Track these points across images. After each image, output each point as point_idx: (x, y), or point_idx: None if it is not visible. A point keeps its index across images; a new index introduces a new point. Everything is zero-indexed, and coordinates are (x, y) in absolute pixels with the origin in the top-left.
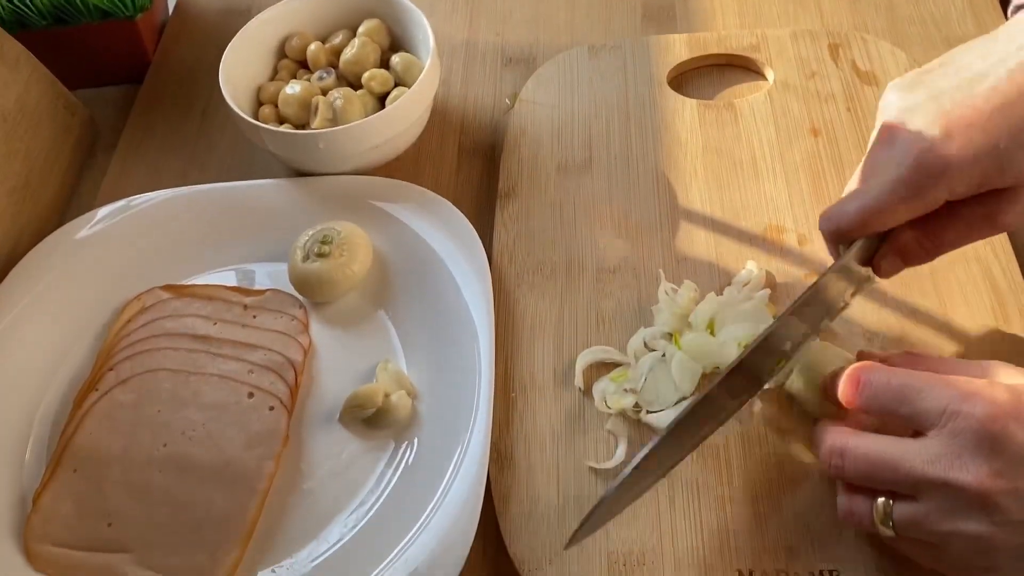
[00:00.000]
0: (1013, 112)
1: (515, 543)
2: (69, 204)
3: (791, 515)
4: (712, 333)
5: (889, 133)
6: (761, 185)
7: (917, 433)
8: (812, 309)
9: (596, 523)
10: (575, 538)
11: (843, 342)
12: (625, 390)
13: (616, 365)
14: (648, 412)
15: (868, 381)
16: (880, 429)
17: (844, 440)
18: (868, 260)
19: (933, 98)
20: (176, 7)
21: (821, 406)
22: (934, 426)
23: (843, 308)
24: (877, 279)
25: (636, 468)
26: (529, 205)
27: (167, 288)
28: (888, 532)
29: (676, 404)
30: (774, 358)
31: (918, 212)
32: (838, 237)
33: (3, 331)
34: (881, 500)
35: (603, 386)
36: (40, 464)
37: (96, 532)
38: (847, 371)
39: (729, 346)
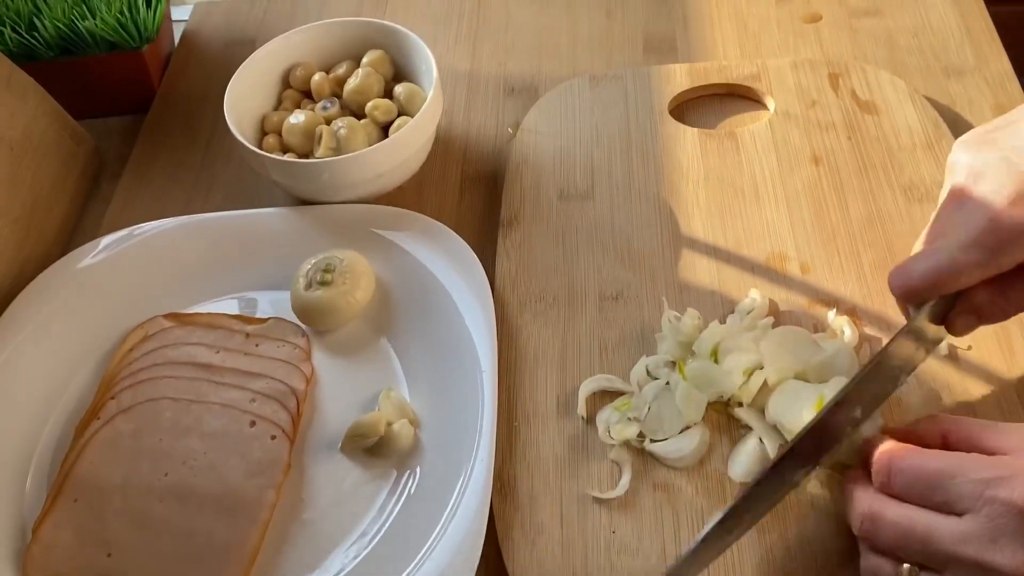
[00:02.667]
0: None
1: (519, 573)
2: (74, 233)
3: (797, 547)
4: (716, 361)
5: (960, 193)
6: (763, 213)
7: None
8: (883, 372)
9: (693, 569)
10: None
11: None
12: (629, 419)
13: (620, 394)
14: (652, 441)
15: (900, 470)
16: None
17: (879, 507)
18: (941, 319)
19: (1004, 158)
20: (182, 38)
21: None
22: (970, 510)
23: (914, 368)
24: (949, 338)
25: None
26: (531, 233)
27: (170, 316)
28: None
29: (680, 433)
30: (845, 426)
31: (991, 274)
32: (909, 296)
33: (6, 359)
34: (907, 567)
35: (607, 415)
36: (41, 493)
37: (96, 562)
38: (878, 457)
39: (735, 375)
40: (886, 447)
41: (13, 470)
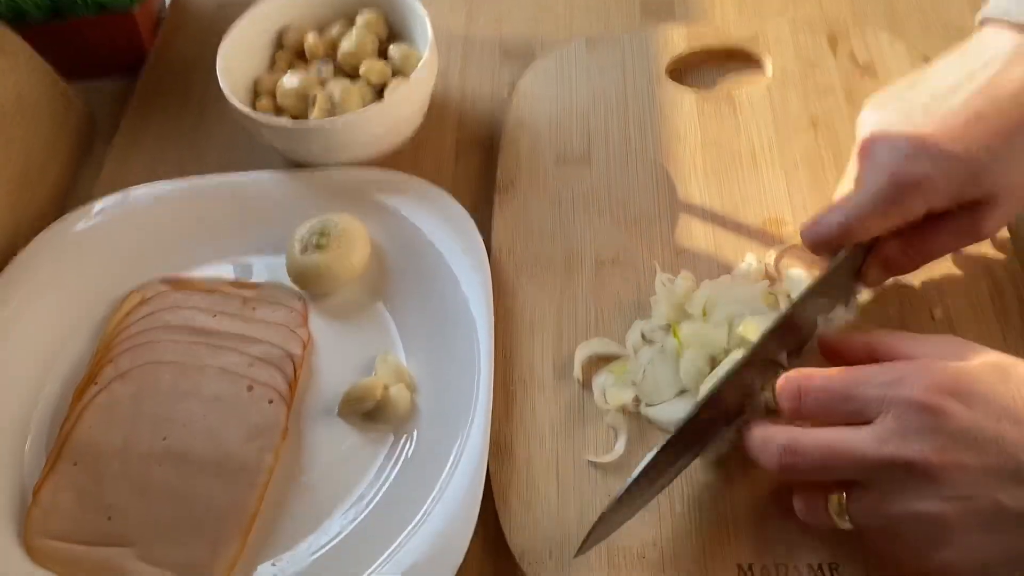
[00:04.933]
0: (982, 125)
1: (515, 536)
2: (67, 197)
3: (791, 509)
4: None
5: (866, 149)
6: (760, 177)
7: (863, 424)
8: (803, 316)
9: (602, 533)
10: (583, 548)
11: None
12: (625, 383)
13: (616, 358)
14: (647, 405)
15: (808, 390)
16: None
17: (795, 436)
18: (855, 272)
19: (906, 114)
20: None
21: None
22: (879, 413)
23: (834, 323)
24: (864, 289)
25: (641, 475)
26: (527, 198)
27: (166, 281)
28: (846, 525)
29: (676, 397)
30: (769, 369)
31: (897, 224)
32: (819, 247)
33: (1, 324)
34: (835, 494)
35: (602, 379)
36: (40, 458)
37: (96, 526)
38: (785, 383)
39: (721, 327)
40: (791, 374)
41: (12, 433)
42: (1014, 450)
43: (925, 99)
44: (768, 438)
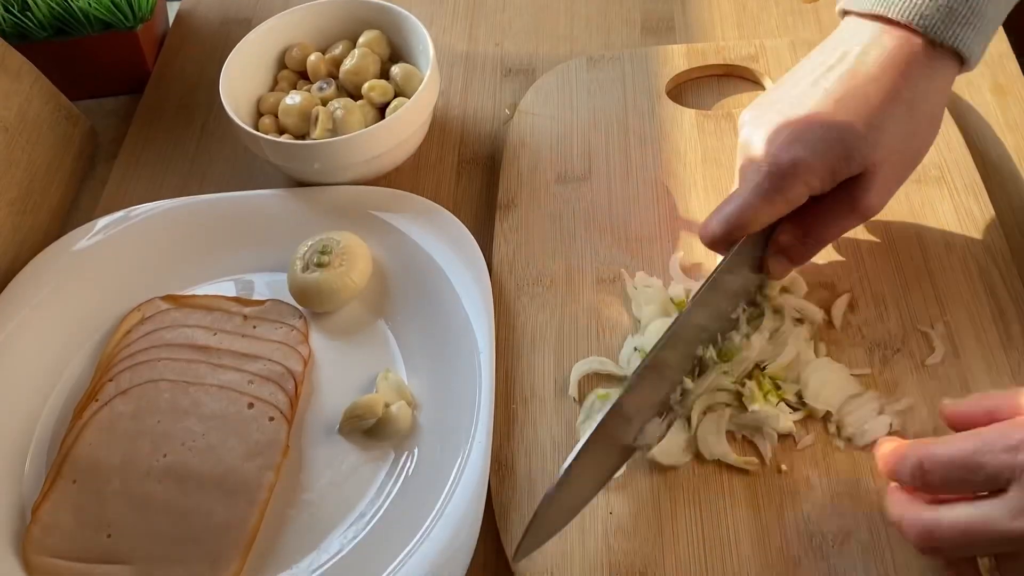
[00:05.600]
0: (847, 106)
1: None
2: (70, 215)
3: (793, 525)
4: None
5: (746, 147)
6: None
7: (993, 492)
8: (713, 304)
9: (540, 536)
10: (520, 551)
11: (845, 352)
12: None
13: (612, 376)
14: None
15: (932, 463)
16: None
17: (929, 519)
18: (757, 266)
19: (776, 109)
20: (176, 18)
21: None
22: (1009, 480)
23: (756, 316)
24: (773, 282)
25: (567, 471)
26: (529, 215)
27: (167, 299)
28: None
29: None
30: (690, 349)
31: (782, 211)
32: (715, 243)
33: (3, 342)
34: (986, 561)
35: (590, 402)
36: (40, 475)
37: (95, 543)
38: (901, 457)
39: (652, 333)
40: (904, 446)
41: (12, 451)
42: None
43: (792, 93)
44: (903, 520)
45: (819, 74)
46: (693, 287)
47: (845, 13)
